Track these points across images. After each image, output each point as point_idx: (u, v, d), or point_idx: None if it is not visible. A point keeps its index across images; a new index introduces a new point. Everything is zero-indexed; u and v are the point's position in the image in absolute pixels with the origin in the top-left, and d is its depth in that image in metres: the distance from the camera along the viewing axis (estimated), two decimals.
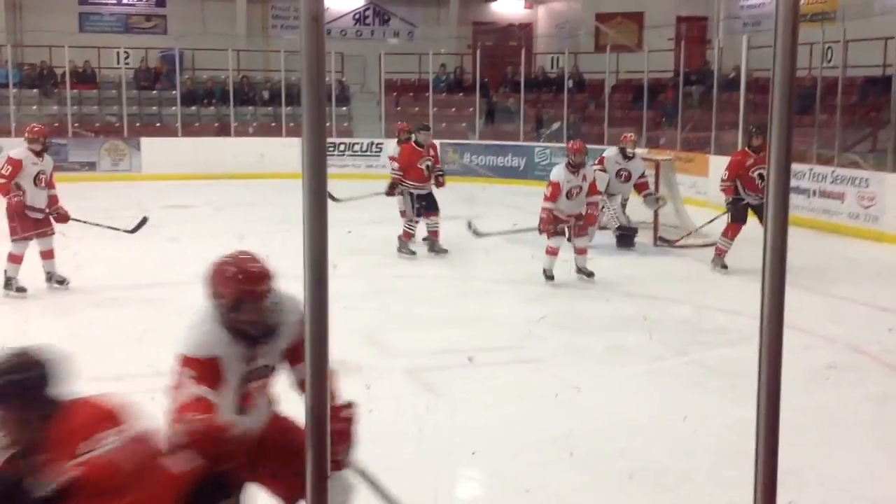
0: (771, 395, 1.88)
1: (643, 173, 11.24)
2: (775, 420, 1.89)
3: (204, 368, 3.22)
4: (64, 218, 8.76)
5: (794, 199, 12.98)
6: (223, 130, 20.15)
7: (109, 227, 9.84)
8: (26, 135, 8.71)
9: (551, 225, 8.97)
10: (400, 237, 10.87)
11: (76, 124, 19.32)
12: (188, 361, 3.28)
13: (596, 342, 7.22)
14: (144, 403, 5.32)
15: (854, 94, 15.86)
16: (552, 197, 8.99)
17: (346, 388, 5.69)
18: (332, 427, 1.72)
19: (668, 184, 12.15)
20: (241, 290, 3.28)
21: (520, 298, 8.76)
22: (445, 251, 10.70)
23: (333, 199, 12.64)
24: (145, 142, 19.08)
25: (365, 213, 13.96)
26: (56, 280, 8.83)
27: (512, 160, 18.94)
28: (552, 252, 9.10)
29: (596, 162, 11.10)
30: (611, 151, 11.41)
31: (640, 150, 15.04)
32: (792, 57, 1.77)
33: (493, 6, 24.64)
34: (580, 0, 24.64)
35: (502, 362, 6.76)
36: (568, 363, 6.70)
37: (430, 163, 10.73)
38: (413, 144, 10.86)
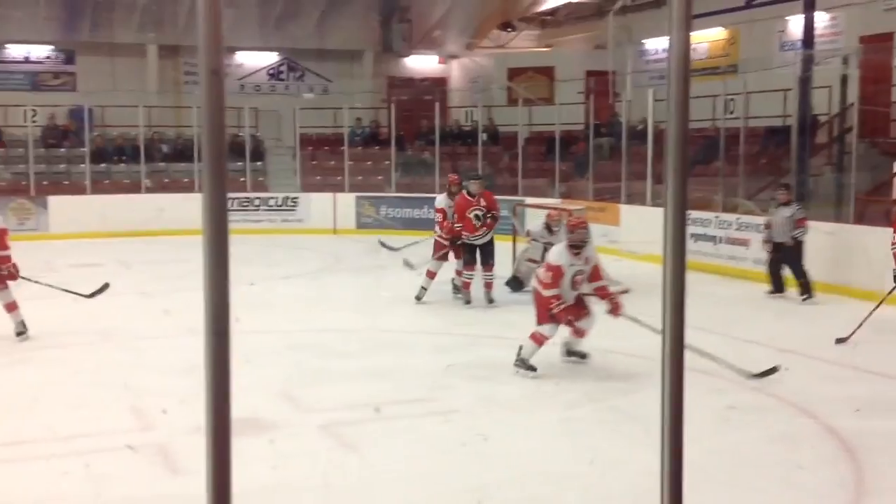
0: (673, 439, 1.91)
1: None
2: (679, 465, 1.92)
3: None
4: (12, 277, 8.81)
5: (702, 247, 13.35)
6: (134, 187, 19.81)
7: (67, 291, 9.64)
8: None
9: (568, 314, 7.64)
10: (457, 285, 11.02)
11: None
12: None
13: (509, 391, 7.24)
14: (42, 469, 5.11)
15: (756, 144, 16.47)
16: (554, 283, 7.53)
17: (254, 447, 5.61)
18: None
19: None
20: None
21: (434, 349, 8.75)
22: (493, 301, 10.80)
23: (388, 247, 12.61)
24: (53, 200, 18.62)
25: (274, 269, 13.89)
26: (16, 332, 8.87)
27: (428, 212, 19.01)
28: (540, 341, 7.65)
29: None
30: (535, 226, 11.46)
31: (553, 201, 15.32)
32: (684, 108, 1.84)
33: (407, 61, 24.93)
34: (492, 55, 25.14)
35: (416, 414, 6.72)
36: (481, 413, 6.70)
37: (479, 213, 10.65)
38: (465, 195, 10.75)
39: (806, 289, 11.00)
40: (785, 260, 11.17)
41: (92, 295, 9.76)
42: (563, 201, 15.66)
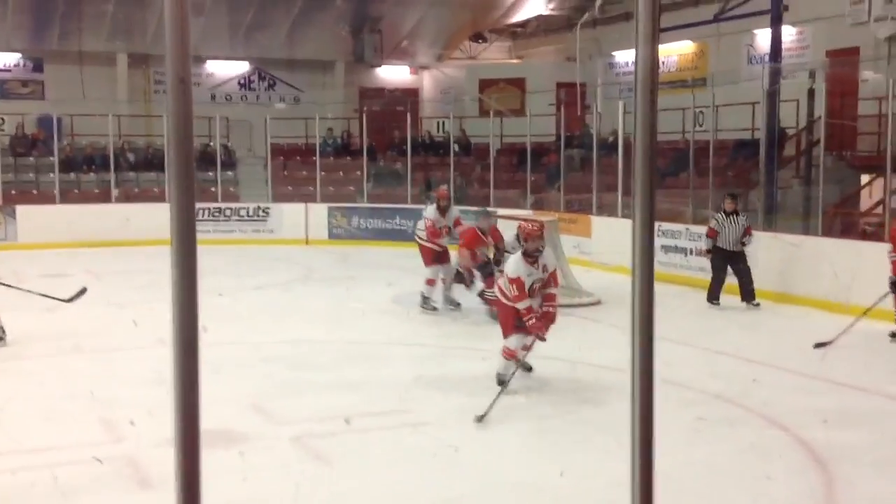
0: (644, 450, 1.92)
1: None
2: (649, 477, 1.92)
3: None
4: None
5: (672, 258, 13.43)
6: (103, 197, 19.63)
7: (45, 296, 9.56)
8: None
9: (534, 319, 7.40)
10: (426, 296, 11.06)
11: None
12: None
13: (481, 402, 7.22)
14: (9, 481, 5.05)
15: (725, 157, 16.62)
16: (522, 295, 7.34)
17: (224, 460, 5.56)
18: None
19: (553, 244, 12.37)
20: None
21: (406, 360, 8.74)
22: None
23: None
24: (21, 210, 18.41)
25: (246, 280, 13.81)
26: None
27: (400, 222, 19.03)
28: (511, 355, 7.56)
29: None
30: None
31: (524, 212, 15.36)
32: (652, 121, 1.85)
33: (379, 71, 24.95)
34: (464, 66, 25.22)
35: (388, 426, 6.70)
36: (453, 424, 6.69)
37: (490, 252, 10.60)
38: (477, 231, 10.54)
39: (753, 294, 11.29)
40: (733, 266, 11.43)
41: (70, 299, 9.66)
42: (535, 212, 15.70)
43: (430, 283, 11.10)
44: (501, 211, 15.85)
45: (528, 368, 7.90)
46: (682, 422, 6.47)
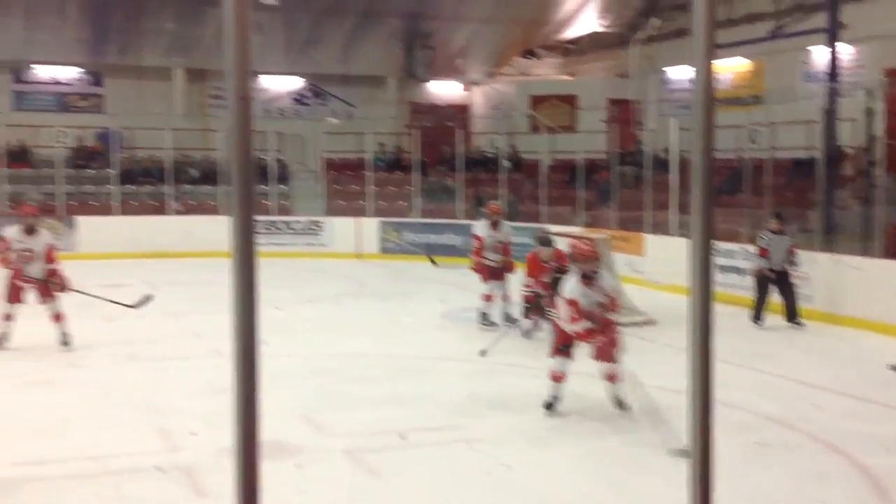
0: (702, 475, 1.89)
1: None
2: (707, 501, 1.89)
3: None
4: (60, 287, 9.35)
5: (728, 278, 13.24)
6: (160, 209, 19.98)
7: (112, 301, 9.85)
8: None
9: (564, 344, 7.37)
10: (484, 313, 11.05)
11: (10, 203, 18.99)
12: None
13: (534, 420, 7.19)
14: (73, 489, 5.15)
15: (782, 176, 16.38)
16: (578, 318, 7.20)
17: (280, 471, 5.60)
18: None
19: (605, 263, 12.29)
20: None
21: (458, 376, 8.71)
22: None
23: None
24: (81, 220, 18.81)
25: (298, 293, 13.90)
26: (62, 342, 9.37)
27: (451, 238, 19.06)
28: (556, 377, 7.39)
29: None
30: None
31: (576, 229, 15.30)
32: (709, 137, 1.84)
33: (430, 87, 25.08)
34: (515, 83, 25.24)
35: (440, 442, 6.69)
36: (506, 443, 6.65)
37: (554, 277, 10.59)
38: (538, 260, 10.17)
39: (797, 313, 11.22)
40: (779, 286, 11.36)
41: (136, 305, 9.95)
42: (587, 230, 15.62)
43: (487, 298, 11.07)
44: (552, 228, 15.84)
45: (625, 407, 7.39)
46: (738, 445, 6.35)
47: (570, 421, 7.17)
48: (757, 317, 11.43)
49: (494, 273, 11.07)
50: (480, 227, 11.31)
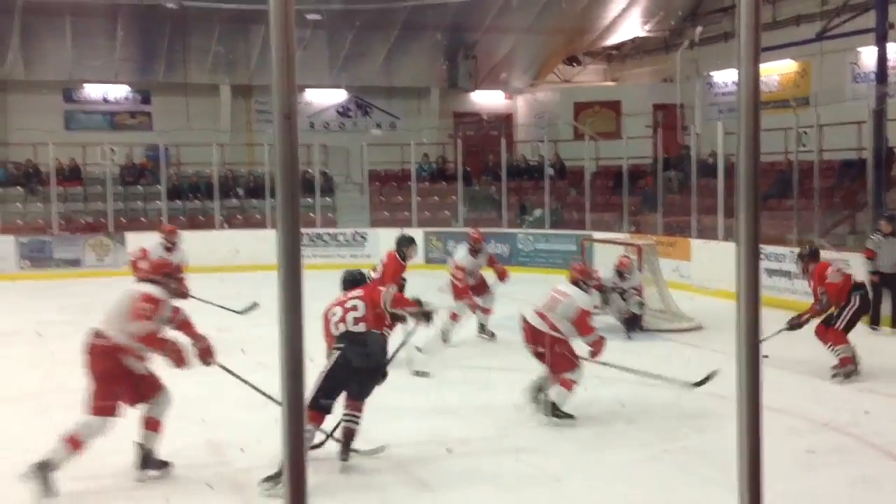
0: (751, 480, 1.87)
1: None
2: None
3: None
4: (181, 294, 8.24)
5: (777, 282, 13.07)
6: (208, 224, 20.24)
7: (222, 308, 10.53)
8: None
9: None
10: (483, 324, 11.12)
11: (61, 221, 19.38)
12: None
13: (581, 429, 7.15)
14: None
15: (831, 178, 16.13)
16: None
17: (327, 483, 5.61)
18: None
19: (651, 268, 12.22)
20: None
21: (504, 386, 8.68)
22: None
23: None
24: (130, 237, 19.09)
25: None
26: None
27: (495, 247, 19.04)
28: (571, 385, 7.45)
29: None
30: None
31: (621, 235, 15.21)
32: (755, 141, 1.82)
33: (473, 97, 25.12)
34: (558, 90, 25.18)
35: (488, 452, 6.68)
36: (554, 452, 6.62)
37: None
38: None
39: None
40: (891, 289, 11.16)
41: (243, 312, 10.48)
42: (632, 236, 15.52)
43: (485, 311, 11.16)
44: (597, 235, 15.76)
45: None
46: (789, 451, 6.27)
47: (618, 429, 7.12)
48: (874, 322, 11.18)
49: (476, 289, 11.07)
50: (462, 257, 11.15)
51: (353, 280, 7.05)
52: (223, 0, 19.03)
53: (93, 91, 22.84)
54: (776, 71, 19.92)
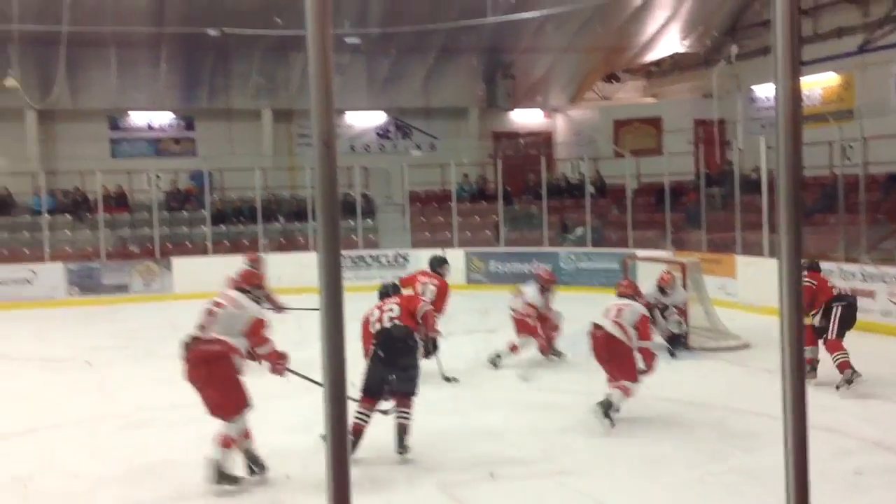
0: (799, 500, 1.84)
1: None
2: None
3: None
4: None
5: None
6: (252, 247, 20.42)
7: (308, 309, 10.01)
8: None
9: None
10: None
11: (109, 248, 19.70)
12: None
13: (627, 451, 7.08)
14: None
15: (877, 192, 15.88)
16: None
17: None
18: None
19: (696, 286, 12.09)
20: None
21: (548, 408, 8.63)
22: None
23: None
24: (176, 262, 19.34)
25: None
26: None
27: (537, 266, 18.99)
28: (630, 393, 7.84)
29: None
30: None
31: (664, 253, 15.09)
32: (795, 158, 1.81)
33: (512, 116, 25.15)
34: (597, 107, 25.13)
35: (532, 475, 6.62)
36: (599, 474, 6.56)
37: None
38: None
39: None
40: None
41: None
42: (676, 253, 15.39)
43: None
44: (640, 252, 15.64)
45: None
46: (838, 471, 6.15)
47: (664, 450, 7.04)
48: None
49: (541, 320, 10.97)
50: (533, 296, 11.01)
51: (388, 291, 7.98)
52: (264, 27, 19.27)
53: (138, 118, 23.24)
54: (819, 84, 19.70)
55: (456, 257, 19.61)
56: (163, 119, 23.41)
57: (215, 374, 6.23)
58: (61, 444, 7.78)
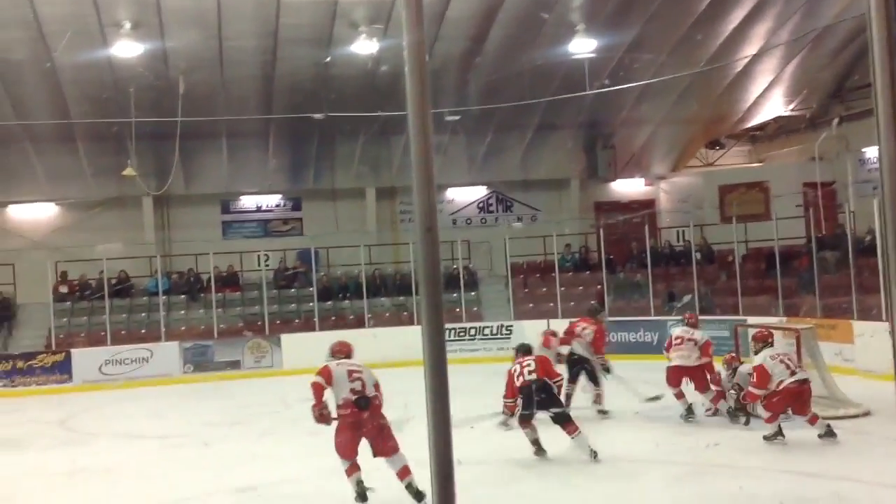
0: None
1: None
2: None
3: None
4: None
5: None
6: (358, 322, 20.71)
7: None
8: None
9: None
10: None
11: (221, 326, 20.27)
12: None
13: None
14: None
15: None
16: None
17: None
18: None
19: (811, 353, 11.67)
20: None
21: (662, 479, 8.39)
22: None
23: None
24: (285, 338, 19.74)
25: (489, 400, 13.74)
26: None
27: (644, 335, 18.68)
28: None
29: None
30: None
31: (775, 319, 14.66)
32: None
33: (614, 185, 25.04)
34: (701, 174, 24.82)
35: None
36: None
37: None
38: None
39: None
40: None
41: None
42: (789, 319, 14.93)
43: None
44: (751, 320, 15.23)
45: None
46: None
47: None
48: None
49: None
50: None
51: (524, 349, 10.04)
52: (366, 110, 19.81)
53: (247, 201, 24.07)
54: None
55: (561, 327, 19.40)
56: (271, 201, 24.17)
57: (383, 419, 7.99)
58: None
